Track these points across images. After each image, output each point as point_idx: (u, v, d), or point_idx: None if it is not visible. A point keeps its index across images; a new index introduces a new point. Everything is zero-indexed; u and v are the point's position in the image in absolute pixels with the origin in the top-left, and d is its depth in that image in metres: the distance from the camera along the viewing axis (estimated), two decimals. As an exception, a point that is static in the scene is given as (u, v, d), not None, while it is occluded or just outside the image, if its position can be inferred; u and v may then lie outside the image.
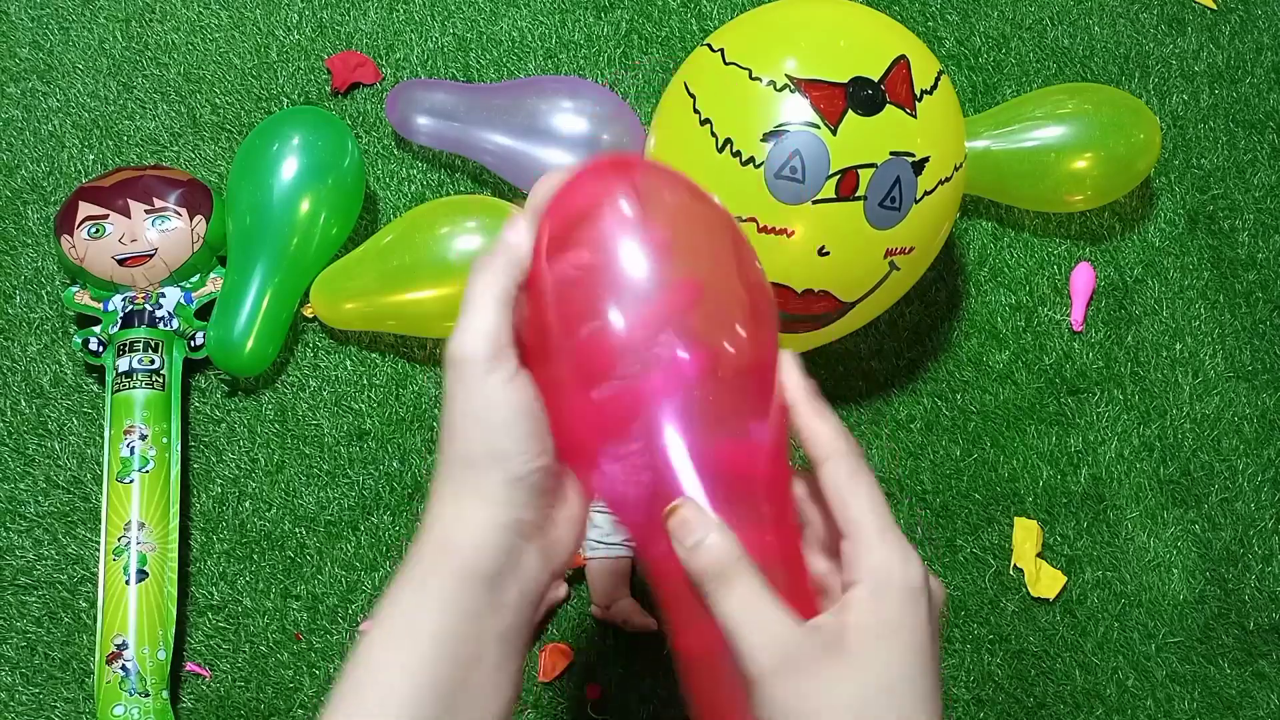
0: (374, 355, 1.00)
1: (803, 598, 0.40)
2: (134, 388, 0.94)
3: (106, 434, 0.93)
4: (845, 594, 0.38)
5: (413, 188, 1.07)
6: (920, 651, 0.37)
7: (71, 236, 0.97)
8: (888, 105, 0.79)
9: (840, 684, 0.36)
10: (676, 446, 0.40)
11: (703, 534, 0.38)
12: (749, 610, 0.37)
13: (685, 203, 0.45)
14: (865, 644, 0.36)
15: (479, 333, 0.41)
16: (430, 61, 1.12)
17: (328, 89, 1.10)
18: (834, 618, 0.37)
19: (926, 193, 0.81)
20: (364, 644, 0.40)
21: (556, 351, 0.42)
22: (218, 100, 1.09)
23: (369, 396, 0.99)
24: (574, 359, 0.42)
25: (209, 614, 0.93)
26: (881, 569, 0.37)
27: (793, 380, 0.43)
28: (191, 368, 0.99)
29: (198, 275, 1.00)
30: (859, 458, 0.40)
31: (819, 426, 0.41)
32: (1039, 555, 0.95)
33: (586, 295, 0.42)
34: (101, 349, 0.96)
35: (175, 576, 0.90)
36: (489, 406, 0.40)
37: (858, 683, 0.36)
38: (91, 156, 1.07)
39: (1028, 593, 0.94)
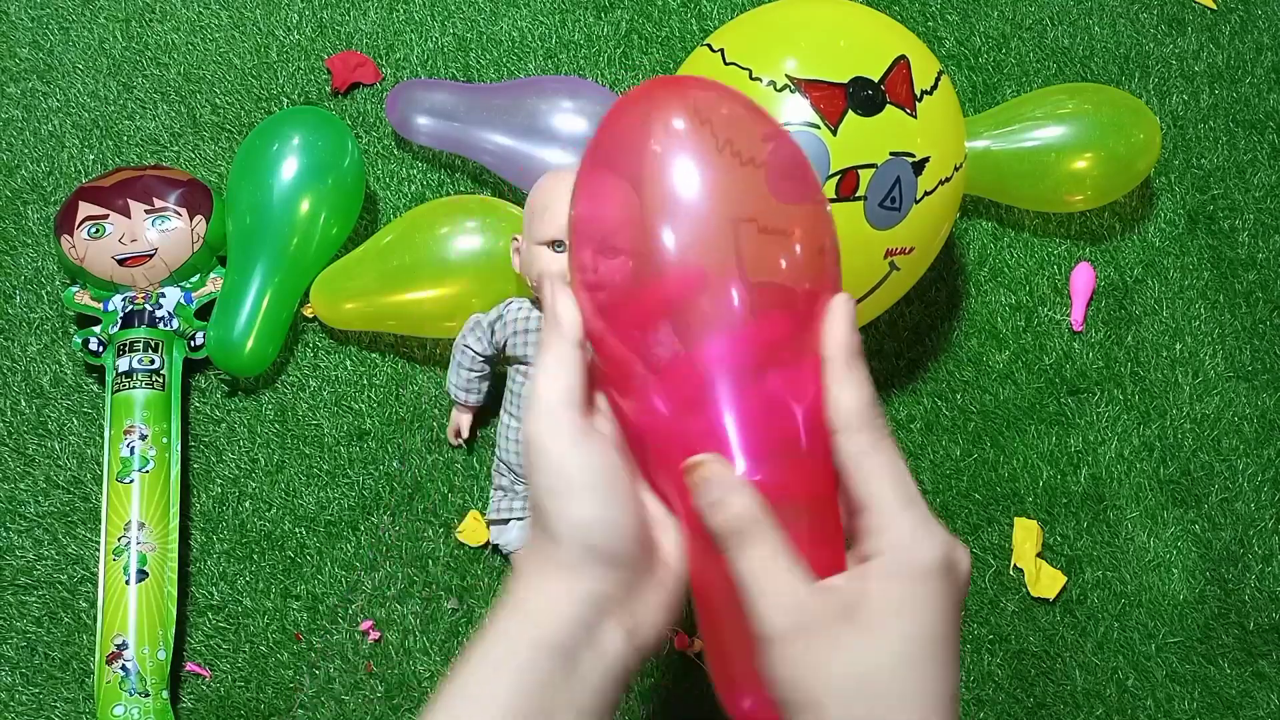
0: (374, 355, 1.00)
1: (831, 545, 0.39)
2: (134, 388, 0.94)
3: (106, 434, 0.93)
4: (865, 564, 0.37)
5: (413, 188, 1.07)
6: (936, 631, 0.36)
7: (71, 236, 0.97)
8: (888, 105, 0.79)
9: (850, 652, 0.35)
10: (712, 384, 0.39)
11: (722, 493, 0.37)
12: (766, 570, 0.36)
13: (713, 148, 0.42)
14: (881, 616, 0.36)
15: (543, 403, 0.40)
16: (430, 61, 1.12)
17: (328, 89, 1.10)
18: (851, 584, 0.37)
19: (926, 193, 0.81)
20: (439, 707, 0.39)
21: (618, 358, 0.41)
22: (218, 100, 1.09)
23: (369, 396, 0.99)
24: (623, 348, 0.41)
25: (209, 614, 0.93)
26: (902, 545, 0.37)
27: (835, 333, 0.40)
28: (191, 368, 0.99)
29: (198, 275, 1.00)
30: (881, 430, 0.39)
31: (841, 393, 0.39)
32: (1039, 555, 0.95)
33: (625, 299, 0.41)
34: (101, 349, 0.96)
35: (175, 576, 0.90)
36: (559, 473, 0.39)
37: (868, 653, 0.35)
38: (91, 156, 1.07)
39: (1028, 593, 0.94)
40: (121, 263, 0.97)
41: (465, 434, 0.95)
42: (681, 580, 0.42)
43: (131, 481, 0.91)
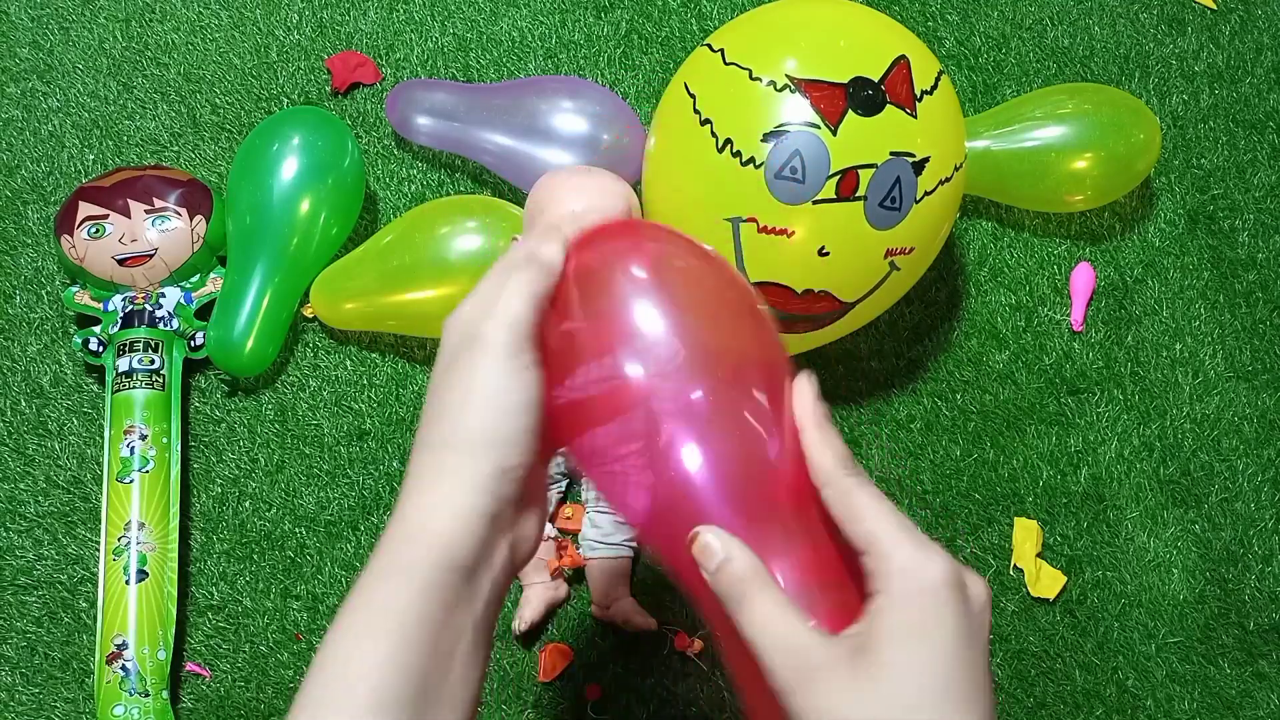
0: (374, 355, 1.00)
1: (841, 611, 0.39)
2: (134, 388, 0.94)
3: (106, 434, 0.93)
4: (873, 599, 0.37)
5: (413, 188, 1.07)
6: (957, 652, 0.35)
7: (71, 236, 0.97)
8: (888, 105, 0.79)
9: (867, 694, 0.34)
10: (695, 467, 0.40)
11: (724, 555, 0.38)
12: (769, 624, 0.37)
13: (691, 261, 0.46)
14: (893, 650, 0.35)
15: (508, 319, 0.41)
16: (430, 61, 1.12)
17: (328, 89, 1.10)
18: (860, 627, 0.36)
19: (926, 193, 0.81)
20: (339, 631, 0.39)
21: (565, 353, 0.43)
22: (218, 100, 1.09)
23: (369, 396, 0.99)
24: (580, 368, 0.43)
25: (209, 614, 0.93)
26: (900, 572, 0.36)
27: (804, 403, 0.44)
28: (191, 368, 0.99)
29: (198, 275, 1.00)
30: (860, 475, 0.40)
31: (819, 454, 0.41)
32: (1039, 555, 0.95)
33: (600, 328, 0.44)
34: (101, 349, 0.96)
35: (175, 576, 0.90)
36: (501, 390, 0.40)
37: (887, 691, 0.34)
38: (91, 156, 1.07)
39: (1028, 593, 0.94)
40: (121, 263, 0.97)
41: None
42: (546, 501, 0.46)
43: (131, 481, 0.91)
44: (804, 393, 0.44)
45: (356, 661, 0.38)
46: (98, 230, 0.97)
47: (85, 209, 0.98)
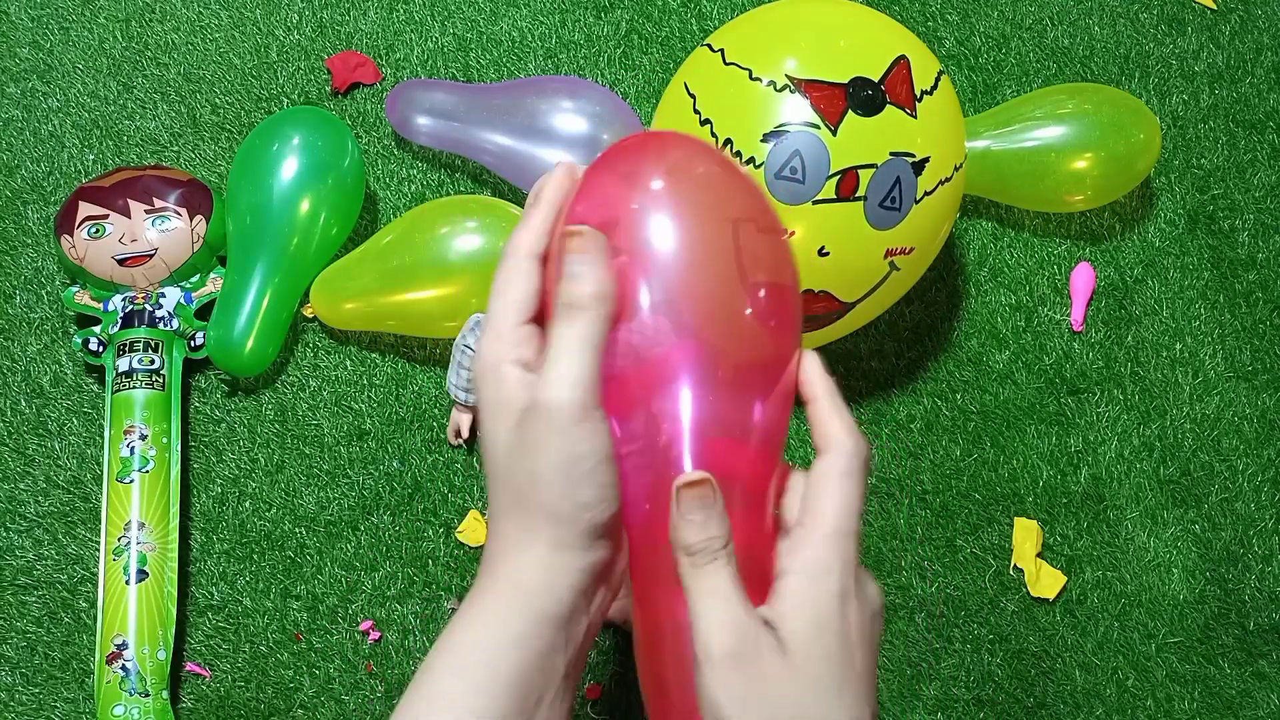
0: (374, 355, 1.00)
1: (759, 583, 0.40)
2: (134, 388, 0.94)
3: (106, 434, 0.93)
4: (779, 582, 0.38)
5: (413, 188, 1.07)
6: (852, 656, 0.37)
7: (71, 236, 0.97)
8: (888, 105, 0.79)
9: (780, 682, 0.36)
10: (684, 429, 0.40)
11: (708, 513, 0.38)
12: (721, 592, 0.37)
13: (700, 202, 0.43)
14: (800, 639, 0.37)
15: (573, 381, 0.39)
16: (430, 61, 1.12)
17: (328, 89, 1.10)
18: (771, 608, 0.38)
19: (926, 193, 0.81)
20: (432, 674, 0.40)
21: None
22: (218, 100, 1.09)
23: (369, 396, 0.99)
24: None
25: (209, 614, 0.93)
26: (818, 563, 0.38)
27: (814, 376, 0.43)
28: (191, 368, 0.99)
29: (198, 275, 1.00)
30: (861, 460, 0.40)
31: (831, 420, 0.41)
32: (1039, 555, 0.95)
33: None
34: (101, 349, 0.96)
35: (175, 576, 0.90)
36: (577, 459, 0.39)
37: (793, 681, 0.36)
38: (91, 156, 1.07)
39: (1028, 593, 0.94)
40: (121, 263, 0.97)
41: (465, 434, 0.95)
42: None
43: (131, 481, 0.91)
44: (812, 366, 0.43)
45: (447, 703, 0.39)
46: (98, 230, 0.97)
47: (85, 209, 0.98)
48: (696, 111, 0.82)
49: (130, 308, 0.97)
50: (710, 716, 0.37)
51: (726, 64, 0.82)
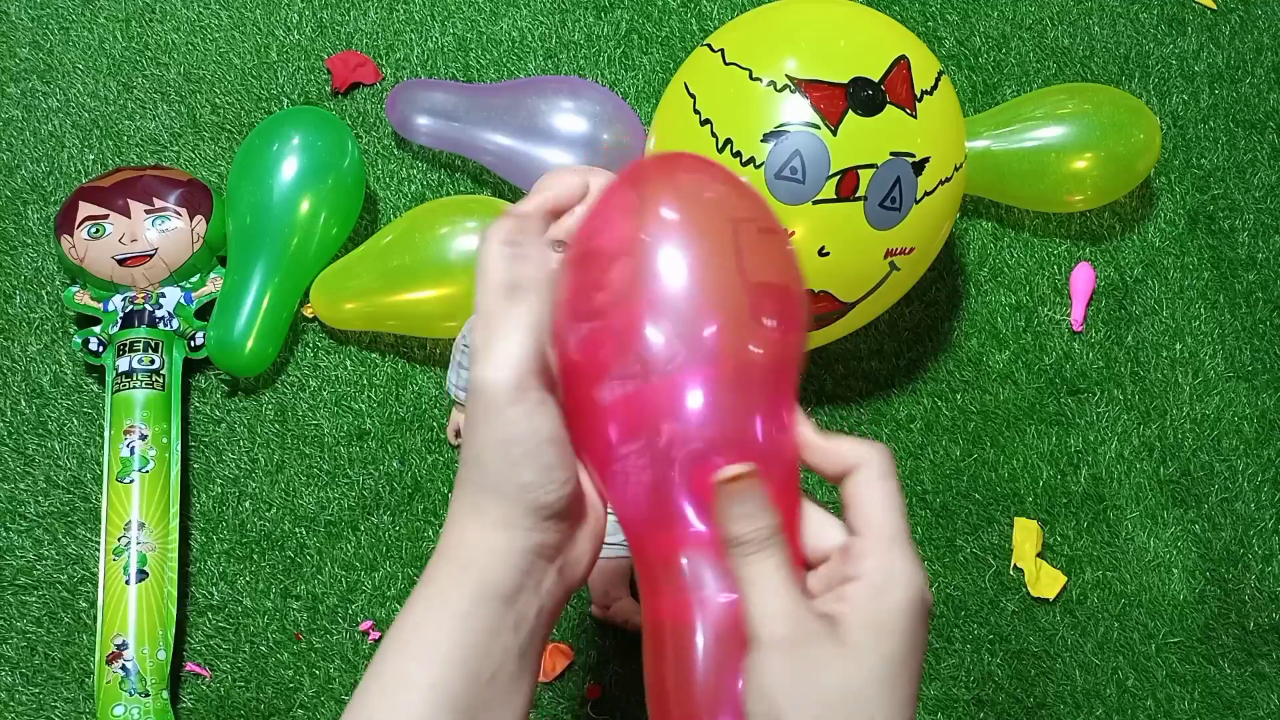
0: (374, 355, 1.00)
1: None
2: (134, 388, 0.94)
3: (106, 434, 0.93)
4: (844, 586, 0.38)
5: (413, 188, 1.07)
6: (908, 654, 0.37)
7: (71, 236, 0.97)
8: (888, 105, 0.79)
9: (833, 672, 0.36)
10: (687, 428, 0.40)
11: (756, 506, 0.38)
12: (774, 579, 0.38)
13: (704, 211, 0.44)
14: (862, 639, 0.37)
15: (504, 362, 0.39)
16: (430, 61, 1.12)
17: (328, 89, 1.10)
18: (831, 605, 0.38)
19: (926, 193, 0.81)
20: (382, 660, 0.40)
21: (577, 358, 0.42)
22: (218, 100, 1.09)
23: (369, 396, 0.99)
24: (592, 368, 0.42)
25: (209, 614, 0.93)
26: (887, 570, 0.38)
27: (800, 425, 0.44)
28: (191, 368, 0.99)
29: (198, 275, 1.00)
30: (890, 460, 0.41)
31: (837, 444, 0.41)
32: (1039, 555, 0.95)
33: (611, 316, 0.42)
34: (101, 349, 0.96)
35: (175, 576, 0.90)
36: (512, 440, 0.39)
37: (845, 674, 0.36)
38: (91, 156, 1.07)
39: (1028, 593, 0.94)
40: (121, 263, 0.97)
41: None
42: (603, 515, 0.44)
43: (131, 481, 0.91)
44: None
45: (399, 687, 0.39)
46: (98, 230, 0.97)
47: (85, 209, 0.98)
48: (696, 111, 0.82)
49: (130, 308, 0.97)
50: (760, 704, 0.37)
51: (727, 64, 0.82)
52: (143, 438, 0.92)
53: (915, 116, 0.80)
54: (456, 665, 0.39)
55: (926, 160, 0.81)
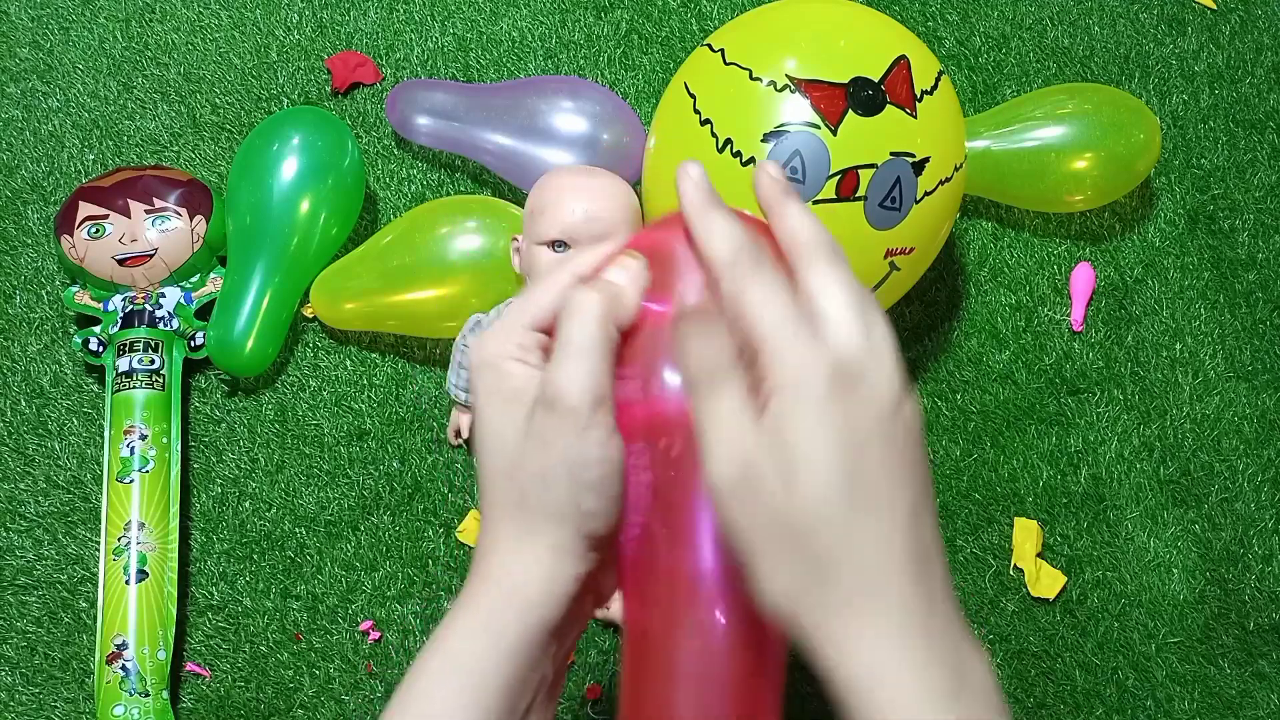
0: (374, 355, 1.00)
1: None
2: (134, 388, 0.94)
3: (106, 434, 0.93)
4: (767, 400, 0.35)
5: (413, 188, 1.07)
6: (854, 461, 0.33)
7: (71, 236, 0.97)
8: (888, 105, 0.79)
9: (773, 498, 0.33)
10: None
11: (708, 333, 0.36)
12: (720, 419, 0.35)
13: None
14: (793, 455, 0.33)
15: (582, 381, 0.37)
16: (430, 61, 1.12)
17: (328, 89, 1.10)
18: (771, 421, 0.34)
19: (926, 193, 0.81)
20: (427, 677, 0.39)
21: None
22: (218, 100, 1.09)
23: (369, 396, 0.99)
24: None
25: (209, 614, 0.93)
26: (780, 366, 0.34)
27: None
28: (191, 368, 0.99)
29: (198, 275, 1.00)
30: (758, 271, 0.36)
31: (708, 244, 0.37)
32: (1039, 555, 0.95)
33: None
34: (101, 349, 0.96)
35: (175, 576, 0.90)
36: (584, 464, 0.37)
37: (785, 499, 0.33)
38: (91, 156, 1.07)
39: (1028, 593, 0.94)
40: (121, 263, 0.97)
41: (465, 434, 0.95)
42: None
43: (131, 481, 0.91)
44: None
45: (436, 703, 0.38)
46: (98, 230, 0.97)
47: (85, 209, 0.98)
48: (696, 111, 0.82)
49: (130, 308, 0.97)
50: (731, 541, 0.35)
51: (727, 64, 0.82)
52: (143, 438, 0.92)
53: (915, 116, 0.80)
54: (501, 697, 0.38)
55: (926, 160, 0.81)
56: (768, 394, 0.34)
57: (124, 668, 0.86)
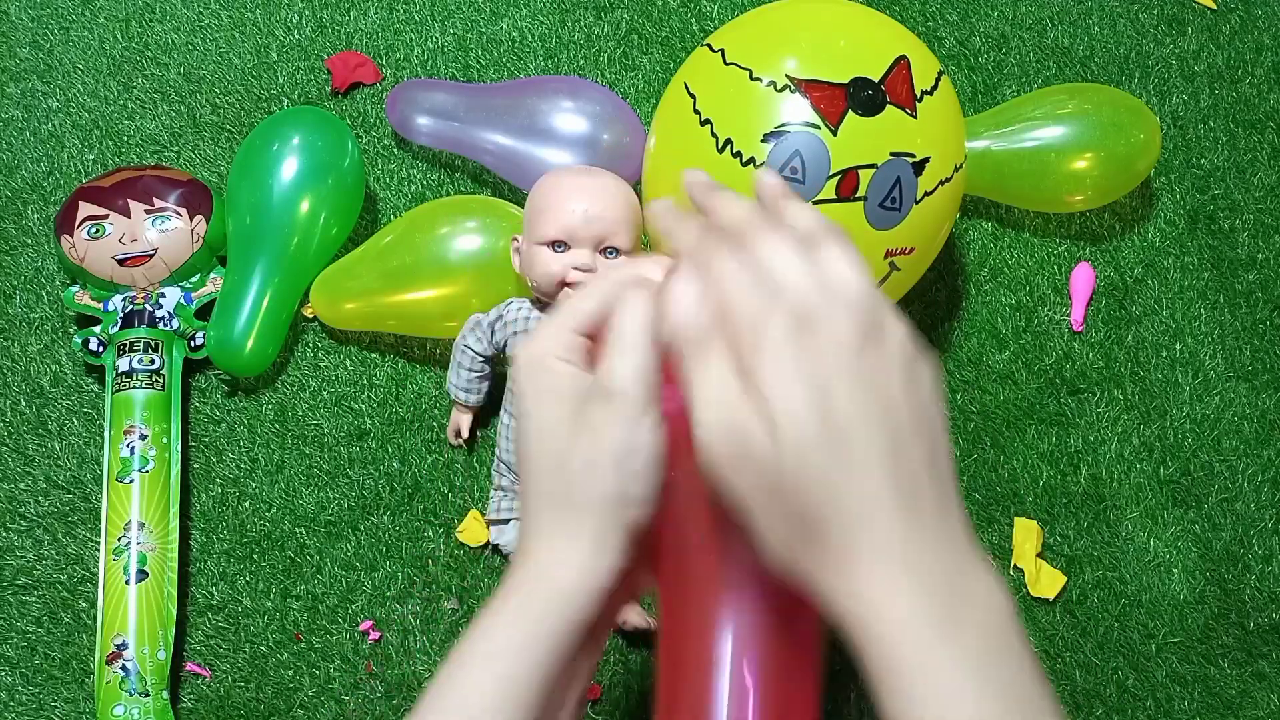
0: (374, 355, 1.00)
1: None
2: (134, 388, 0.94)
3: (106, 434, 0.93)
4: None
5: (413, 188, 1.07)
6: (839, 411, 0.34)
7: (71, 236, 0.97)
8: (888, 106, 0.79)
9: (755, 460, 0.35)
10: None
11: (688, 303, 0.37)
12: (708, 386, 0.36)
13: None
14: (784, 424, 0.34)
15: (637, 373, 0.38)
16: (430, 61, 1.12)
17: (328, 89, 1.10)
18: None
19: (926, 193, 0.81)
20: (467, 670, 0.40)
21: None
22: (218, 100, 1.09)
23: (369, 396, 0.99)
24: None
25: (209, 614, 0.93)
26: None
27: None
28: (191, 368, 0.99)
29: (198, 275, 1.00)
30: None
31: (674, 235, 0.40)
32: (1039, 555, 0.95)
33: None
34: (101, 349, 0.96)
35: (175, 576, 0.90)
36: (634, 451, 0.38)
37: (784, 467, 0.34)
38: (91, 156, 1.07)
39: (1028, 593, 0.94)
40: (121, 263, 0.97)
41: (465, 434, 0.95)
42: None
43: (131, 481, 0.91)
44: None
45: (473, 693, 0.39)
46: (98, 230, 0.97)
47: (85, 209, 0.98)
48: (697, 111, 0.82)
49: (130, 308, 0.97)
50: (727, 501, 0.36)
51: (727, 64, 0.82)
52: (143, 438, 0.92)
53: (915, 117, 0.80)
54: (540, 693, 0.39)
55: (926, 160, 0.80)
56: (747, 354, 0.35)
57: (124, 668, 0.86)
